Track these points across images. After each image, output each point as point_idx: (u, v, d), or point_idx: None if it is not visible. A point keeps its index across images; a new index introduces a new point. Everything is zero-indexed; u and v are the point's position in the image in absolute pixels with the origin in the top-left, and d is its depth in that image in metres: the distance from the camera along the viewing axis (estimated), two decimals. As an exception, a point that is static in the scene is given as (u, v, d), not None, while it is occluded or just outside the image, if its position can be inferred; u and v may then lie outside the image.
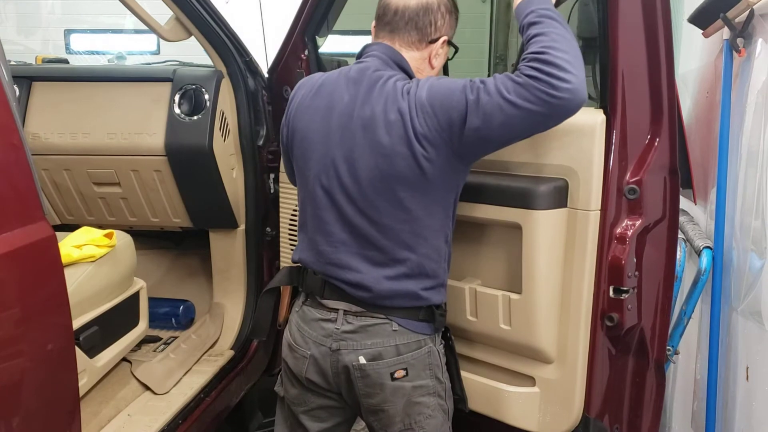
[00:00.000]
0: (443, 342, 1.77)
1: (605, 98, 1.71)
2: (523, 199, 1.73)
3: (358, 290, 1.66)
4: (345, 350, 1.67)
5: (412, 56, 1.71)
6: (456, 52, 1.79)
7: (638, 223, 1.72)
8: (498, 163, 1.83)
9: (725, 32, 1.99)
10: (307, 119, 1.71)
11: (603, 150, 1.69)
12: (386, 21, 1.71)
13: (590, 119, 1.70)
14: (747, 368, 1.82)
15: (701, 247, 2.02)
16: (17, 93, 2.54)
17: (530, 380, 1.87)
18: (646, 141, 1.72)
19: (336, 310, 1.69)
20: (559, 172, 1.74)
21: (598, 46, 1.78)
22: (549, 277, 1.75)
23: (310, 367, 1.72)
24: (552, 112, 1.47)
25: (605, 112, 1.70)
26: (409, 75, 1.70)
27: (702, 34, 2.14)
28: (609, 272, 1.72)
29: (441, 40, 1.71)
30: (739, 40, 1.91)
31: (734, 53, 1.96)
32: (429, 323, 1.69)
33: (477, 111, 1.50)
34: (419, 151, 1.57)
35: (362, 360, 1.66)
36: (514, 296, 1.80)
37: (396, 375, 1.66)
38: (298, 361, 1.75)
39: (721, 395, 1.99)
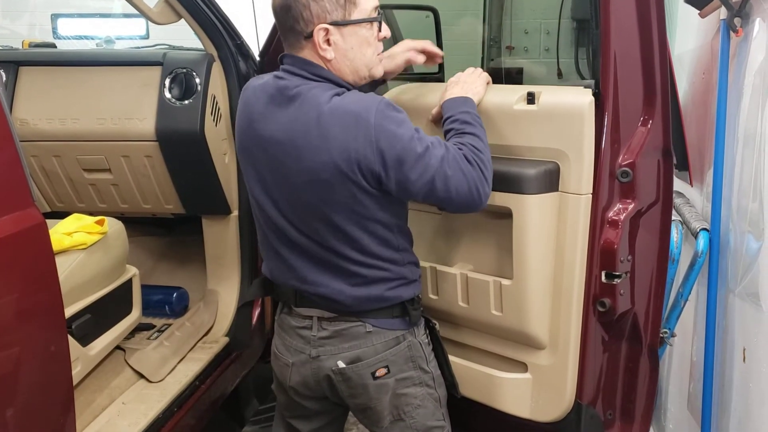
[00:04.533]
0: (427, 331, 1.75)
1: (597, 80, 1.68)
2: (513, 184, 1.71)
3: (326, 301, 1.65)
4: (324, 356, 1.67)
5: (306, 56, 1.58)
6: (379, 23, 1.63)
7: (631, 206, 1.71)
8: (491, 147, 1.81)
9: (722, 12, 1.97)
10: (239, 140, 1.68)
11: (593, 132, 1.67)
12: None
13: (578, 100, 1.67)
14: (744, 350, 1.82)
15: (698, 229, 2.01)
16: (3, 78, 2.50)
17: (522, 366, 1.86)
18: (639, 123, 1.70)
19: (310, 317, 1.68)
20: (549, 155, 1.72)
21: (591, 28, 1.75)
22: (540, 263, 1.74)
23: (293, 375, 1.73)
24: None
25: (598, 94, 1.67)
26: (322, 76, 1.57)
27: (698, 14, 2.12)
28: (601, 257, 1.71)
29: (318, 29, 1.53)
30: (737, 20, 1.89)
31: (731, 33, 1.94)
32: (404, 319, 1.68)
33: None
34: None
35: (341, 364, 1.65)
36: (505, 282, 1.79)
37: (377, 374, 1.66)
38: (282, 369, 1.76)
39: (718, 377, 1.99)
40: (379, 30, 1.64)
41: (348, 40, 1.57)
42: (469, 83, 1.78)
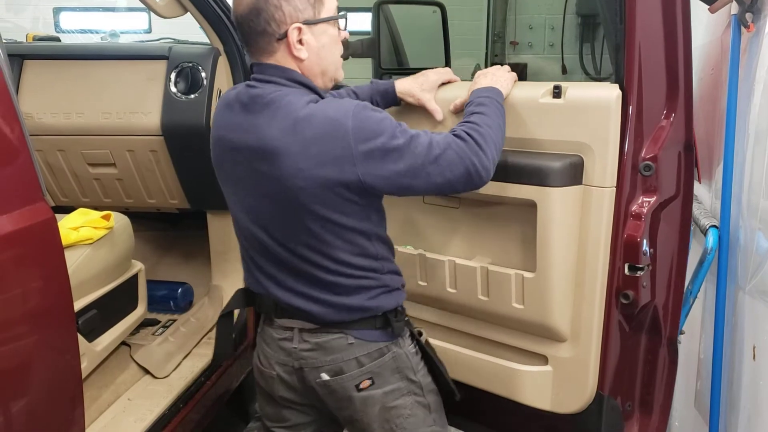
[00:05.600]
0: (414, 342, 1.69)
1: (621, 73, 1.69)
2: (539, 176, 1.71)
3: (306, 312, 1.60)
4: (307, 368, 1.63)
5: (277, 60, 1.53)
6: (345, 20, 1.61)
7: (653, 199, 1.72)
8: (512, 141, 1.81)
9: (733, 7, 1.96)
10: (214, 153, 1.64)
11: (619, 126, 1.68)
12: (240, 36, 1.56)
13: (606, 94, 1.68)
14: (754, 347, 1.81)
15: (707, 226, 2.00)
16: (10, 71, 2.48)
17: (542, 359, 1.87)
18: (662, 117, 1.70)
19: (291, 329, 1.63)
20: (574, 149, 1.72)
21: (597, 24, 1.75)
22: (564, 255, 1.74)
23: (280, 386, 1.69)
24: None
25: (621, 88, 1.68)
26: (296, 80, 1.53)
27: (708, 9, 2.10)
28: (624, 249, 1.71)
29: (292, 29, 1.49)
30: (748, 15, 1.88)
31: (742, 29, 1.93)
32: (386, 330, 1.63)
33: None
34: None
35: (325, 377, 1.61)
36: (527, 275, 1.79)
37: (362, 386, 1.61)
38: (267, 381, 1.71)
39: (726, 375, 1.99)
40: (343, 29, 1.62)
41: (320, 39, 1.55)
42: (498, 76, 1.77)
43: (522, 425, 2.00)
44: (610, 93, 1.67)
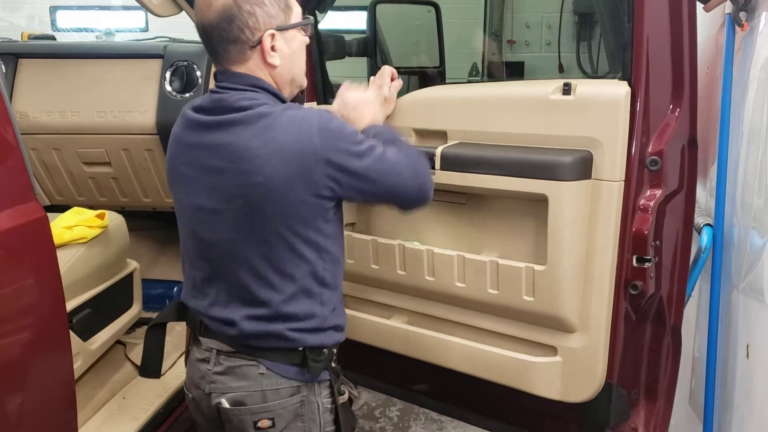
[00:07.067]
0: (333, 398, 1.57)
1: (628, 71, 1.71)
2: (550, 171, 1.73)
3: (225, 326, 1.52)
4: (214, 393, 1.54)
5: (248, 68, 1.49)
6: (314, 25, 1.59)
7: (659, 193, 1.75)
8: (523, 136, 1.82)
9: (727, 6, 1.96)
10: (173, 157, 1.60)
11: (627, 122, 1.71)
12: (205, 44, 1.50)
13: (615, 91, 1.70)
14: (747, 346, 1.81)
15: (701, 225, 2.01)
16: (3, 70, 2.48)
17: (552, 350, 1.88)
18: (668, 112, 1.73)
19: (211, 350, 1.56)
20: (583, 144, 1.74)
21: (594, 22, 1.76)
22: (574, 248, 1.77)
23: (196, 411, 1.63)
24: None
25: (629, 85, 1.70)
26: (262, 88, 1.50)
27: (703, 8, 2.10)
28: (633, 242, 1.75)
29: (267, 35, 1.47)
30: (742, 14, 1.88)
31: (736, 27, 1.93)
32: (302, 369, 1.52)
33: None
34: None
35: (225, 404, 1.52)
36: (538, 268, 1.81)
37: (260, 424, 1.51)
38: (189, 404, 1.66)
39: (721, 373, 1.99)
40: (307, 34, 1.61)
41: (290, 45, 1.53)
42: (363, 107, 1.76)
43: (530, 415, 2.03)
44: (619, 90, 1.70)
